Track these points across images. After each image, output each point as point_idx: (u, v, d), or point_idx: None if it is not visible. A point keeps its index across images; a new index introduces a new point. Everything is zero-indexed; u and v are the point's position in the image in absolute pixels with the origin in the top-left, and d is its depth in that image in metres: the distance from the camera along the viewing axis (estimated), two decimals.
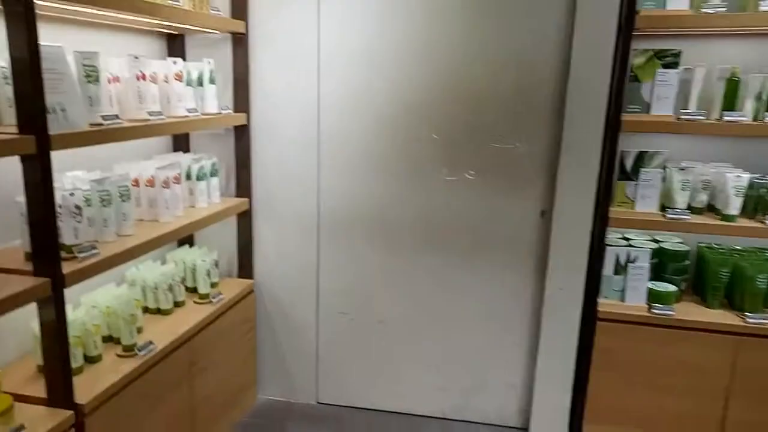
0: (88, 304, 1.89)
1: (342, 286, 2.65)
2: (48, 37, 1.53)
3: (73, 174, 1.81)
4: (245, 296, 2.55)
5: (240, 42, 2.45)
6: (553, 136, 2.33)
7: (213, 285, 2.39)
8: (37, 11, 1.37)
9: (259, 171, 2.59)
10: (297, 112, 2.50)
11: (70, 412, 1.52)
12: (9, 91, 1.47)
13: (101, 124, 1.68)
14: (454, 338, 2.59)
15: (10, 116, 1.48)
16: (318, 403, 2.75)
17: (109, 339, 1.91)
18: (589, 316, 2.32)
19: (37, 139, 1.41)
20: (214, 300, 2.32)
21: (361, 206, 2.56)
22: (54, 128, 1.47)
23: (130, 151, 2.26)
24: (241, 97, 2.50)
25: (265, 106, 2.52)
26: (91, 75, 1.68)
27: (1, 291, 1.35)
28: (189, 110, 2.15)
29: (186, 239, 2.63)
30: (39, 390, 1.58)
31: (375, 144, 2.49)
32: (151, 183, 2.10)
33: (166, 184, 2.10)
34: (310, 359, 2.72)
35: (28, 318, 1.67)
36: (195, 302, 2.30)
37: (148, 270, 2.21)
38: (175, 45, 2.49)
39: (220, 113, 2.32)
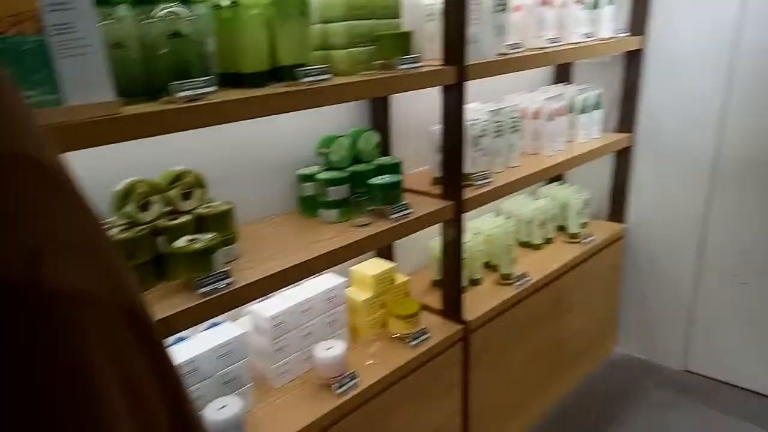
0: (471, 231, 2.01)
1: (737, 243, 2.21)
2: None
3: (471, 105, 1.89)
4: (614, 241, 2.38)
5: None
6: None
7: (582, 225, 2.29)
8: None
9: (646, 104, 2.30)
10: (708, 28, 2.08)
11: (459, 326, 1.66)
12: (432, 26, 1.58)
13: (507, 54, 1.68)
14: None
15: (430, 51, 1.59)
16: (686, 371, 2.46)
17: (486, 266, 2.01)
18: None
19: (457, 70, 1.48)
20: (584, 241, 2.22)
21: None
22: (469, 58, 1.52)
23: (512, 83, 2.25)
24: (637, 18, 2.21)
25: (665, 26, 2.17)
26: (501, 4, 1.67)
27: (418, 210, 1.51)
28: (584, 35, 2.00)
29: (556, 175, 2.56)
30: (433, 302, 1.76)
31: None
32: (536, 115, 2.06)
33: (551, 117, 2.04)
34: (680, 320, 2.41)
35: (425, 236, 1.86)
36: (564, 241, 2.25)
37: (522, 204, 2.23)
38: None
39: (614, 38, 2.11)
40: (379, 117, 1.75)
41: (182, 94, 1.04)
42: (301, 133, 1.61)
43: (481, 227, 2.01)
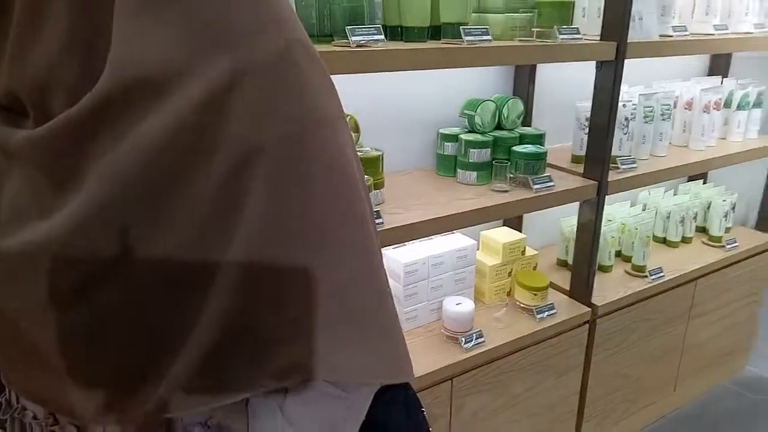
0: (605, 217, 1.94)
1: None
2: None
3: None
4: (761, 252, 2.19)
5: None
6: None
7: (726, 230, 2.13)
8: None
9: None
10: None
11: (587, 309, 1.62)
12: (599, 1, 1.55)
13: (670, 36, 1.60)
14: None
15: (591, 26, 1.56)
16: None
17: (617, 254, 1.94)
18: None
19: (617, 46, 1.44)
20: (726, 246, 2.07)
21: None
22: (631, 36, 1.48)
23: (663, 68, 2.14)
24: None
25: None
26: None
27: (559, 185, 1.49)
28: (754, 25, 1.86)
29: (701, 173, 2.40)
30: (559, 280, 1.73)
31: None
32: (689, 106, 1.95)
33: (706, 109, 1.92)
34: None
35: (555, 213, 1.82)
36: (704, 242, 2.11)
37: (660, 197, 2.12)
38: None
39: None
40: (523, 86, 1.74)
41: (354, 38, 1.11)
42: (444, 94, 1.64)
43: (614, 214, 1.94)
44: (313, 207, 0.44)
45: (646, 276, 1.80)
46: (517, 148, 1.50)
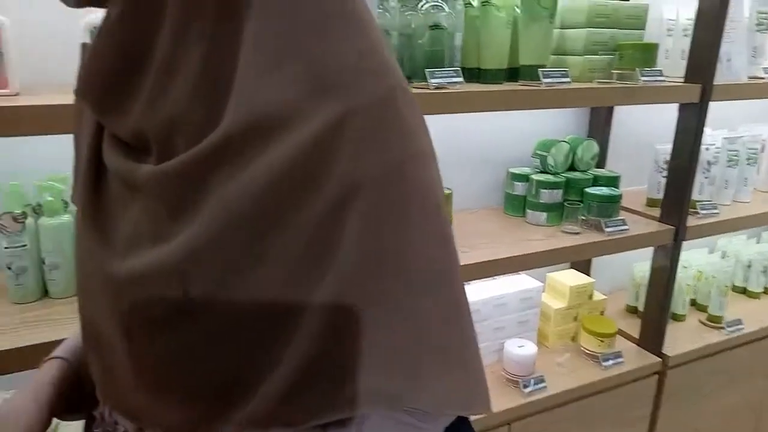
0: (680, 263, 1.86)
1: None
2: None
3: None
4: None
5: None
6: None
7: None
8: None
9: None
10: None
11: (657, 359, 1.55)
12: (670, 41, 1.51)
13: (761, 78, 1.53)
14: None
15: (674, 68, 1.51)
16: None
17: (692, 303, 1.85)
18: None
19: (702, 88, 1.39)
20: None
21: None
22: (717, 78, 1.42)
23: (749, 111, 2.04)
24: None
25: None
26: (762, 23, 1.54)
27: (633, 229, 1.44)
28: None
29: None
30: (628, 327, 1.67)
31: None
32: None
33: None
34: None
35: (626, 257, 1.76)
36: None
37: (742, 244, 2.01)
38: None
39: None
40: (598, 127, 1.71)
41: (433, 81, 1.13)
42: (515, 133, 1.63)
43: (691, 261, 1.86)
44: (406, 245, 0.45)
45: (722, 327, 1.70)
46: (591, 190, 1.46)
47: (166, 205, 0.45)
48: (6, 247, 0.99)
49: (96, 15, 0.92)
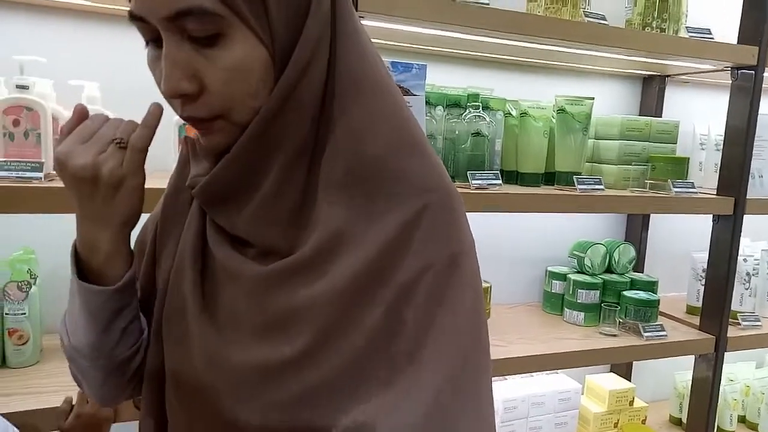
0: (726, 376, 1.81)
1: None
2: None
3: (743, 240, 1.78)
4: None
5: None
6: None
7: None
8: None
9: None
10: None
11: None
12: (702, 155, 1.59)
13: None
14: None
15: (707, 180, 1.58)
16: None
17: (741, 419, 1.77)
18: None
19: (735, 201, 1.45)
20: None
21: None
22: (750, 193, 1.48)
23: None
24: None
25: None
26: None
27: (672, 335, 1.44)
28: None
29: None
30: None
31: None
32: None
33: None
34: None
35: (667, 365, 1.73)
36: None
37: None
38: None
39: None
40: (635, 232, 1.76)
41: (474, 182, 1.23)
42: (554, 233, 1.70)
43: (737, 374, 1.80)
44: (457, 331, 0.50)
45: None
46: (628, 293, 1.49)
47: (255, 302, 0.53)
48: None
49: None
